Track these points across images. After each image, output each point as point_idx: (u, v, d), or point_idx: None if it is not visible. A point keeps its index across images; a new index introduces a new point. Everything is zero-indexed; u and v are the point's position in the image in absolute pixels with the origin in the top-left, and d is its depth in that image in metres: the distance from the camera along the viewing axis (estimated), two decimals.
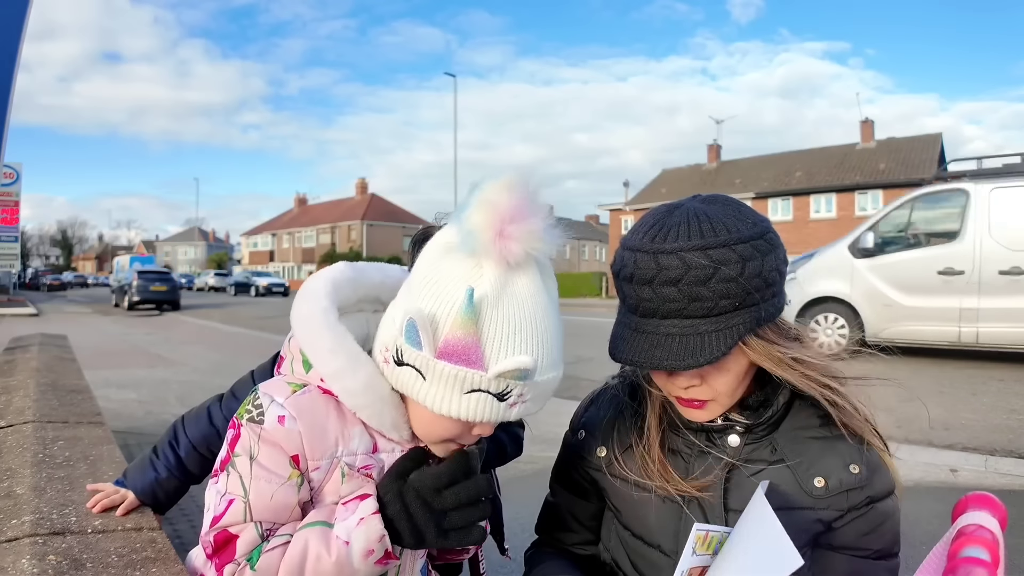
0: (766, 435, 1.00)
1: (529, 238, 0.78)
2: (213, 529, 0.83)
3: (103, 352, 9.37)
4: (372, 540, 0.82)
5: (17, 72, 3.19)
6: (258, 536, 0.83)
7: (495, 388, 0.78)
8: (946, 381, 6.70)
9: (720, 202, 0.94)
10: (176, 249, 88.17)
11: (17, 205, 21.14)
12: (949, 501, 0.97)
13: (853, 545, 0.97)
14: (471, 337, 0.77)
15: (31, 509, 1.36)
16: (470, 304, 0.76)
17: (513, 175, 0.79)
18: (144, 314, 20.35)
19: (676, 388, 0.96)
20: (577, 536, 1.17)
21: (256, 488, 0.83)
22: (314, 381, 0.89)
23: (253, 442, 0.84)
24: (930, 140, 32.02)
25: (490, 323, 0.78)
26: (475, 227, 0.77)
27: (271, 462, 0.84)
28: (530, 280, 0.81)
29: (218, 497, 0.84)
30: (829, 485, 0.96)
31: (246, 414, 0.86)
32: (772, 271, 0.90)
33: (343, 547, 0.81)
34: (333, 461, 0.87)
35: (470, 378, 0.78)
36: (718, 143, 39.26)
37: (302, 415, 0.85)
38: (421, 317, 0.78)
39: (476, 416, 0.80)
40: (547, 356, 0.81)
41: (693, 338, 0.88)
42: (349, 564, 0.82)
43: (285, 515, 0.85)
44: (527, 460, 4.19)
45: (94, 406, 2.56)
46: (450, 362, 0.78)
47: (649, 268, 0.89)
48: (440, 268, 0.82)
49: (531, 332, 0.79)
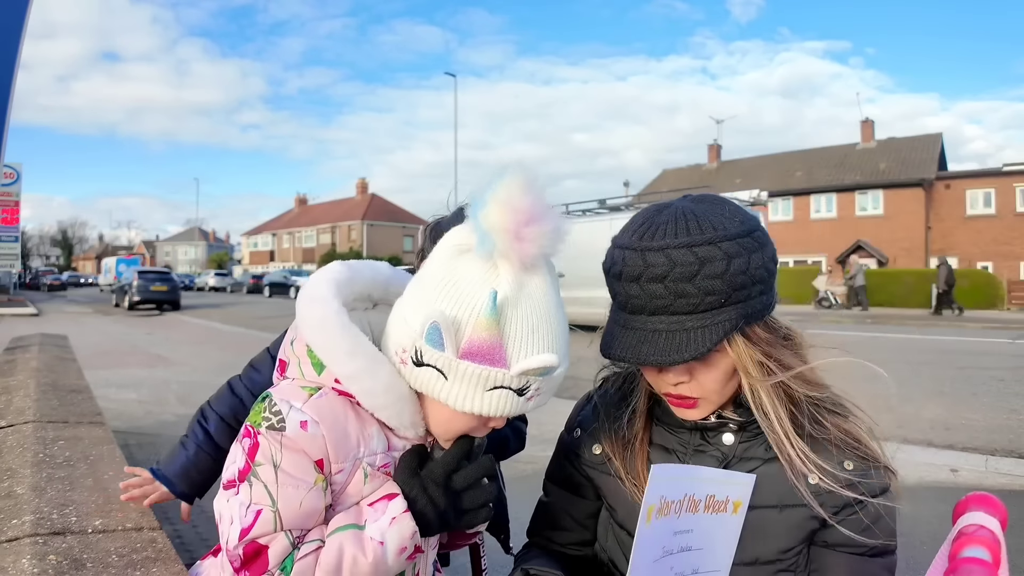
0: (760, 432, 1.00)
1: (544, 240, 0.80)
2: (242, 542, 0.81)
3: (103, 352, 9.37)
4: (406, 538, 0.84)
5: (17, 72, 3.19)
6: (289, 544, 0.82)
7: (516, 384, 0.82)
8: (946, 381, 6.70)
9: (709, 201, 0.95)
10: (176, 249, 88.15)
11: (17, 205, 21.14)
12: (950, 501, 0.97)
13: (849, 542, 0.97)
14: (495, 338, 0.80)
15: (31, 509, 1.36)
16: (494, 307, 0.79)
17: (524, 174, 0.80)
18: (145, 314, 20.36)
19: (665, 384, 0.97)
20: (571, 535, 1.16)
21: (284, 496, 0.82)
22: (327, 383, 0.88)
23: (275, 450, 0.82)
24: (930, 140, 32.02)
25: (511, 323, 0.81)
26: (493, 229, 0.79)
27: (296, 469, 0.83)
28: (543, 279, 0.84)
29: (243, 509, 0.82)
30: (823, 482, 0.96)
31: (264, 422, 0.84)
32: (759, 268, 0.91)
33: (378, 548, 0.83)
34: (355, 462, 0.87)
35: (494, 376, 0.80)
36: (718, 143, 39.30)
37: (324, 419, 0.84)
38: (444, 320, 0.80)
39: (498, 411, 0.83)
40: (562, 352, 0.85)
41: (679, 334, 0.89)
42: (384, 563, 0.84)
43: (313, 520, 0.85)
44: (527, 460, 4.19)
45: (94, 406, 2.56)
46: (474, 362, 0.80)
47: (636, 265, 0.90)
48: (456, 270, 0.83)
49: (548, 330, 0.83)
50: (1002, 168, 28.57)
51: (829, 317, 17.63)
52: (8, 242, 21.04)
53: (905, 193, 29.07)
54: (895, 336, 11.60)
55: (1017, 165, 28.06)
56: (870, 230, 29.78)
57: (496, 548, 1.60)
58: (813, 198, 31.63)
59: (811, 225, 31.38)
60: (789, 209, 32.06)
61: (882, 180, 29.84)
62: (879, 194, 29.80)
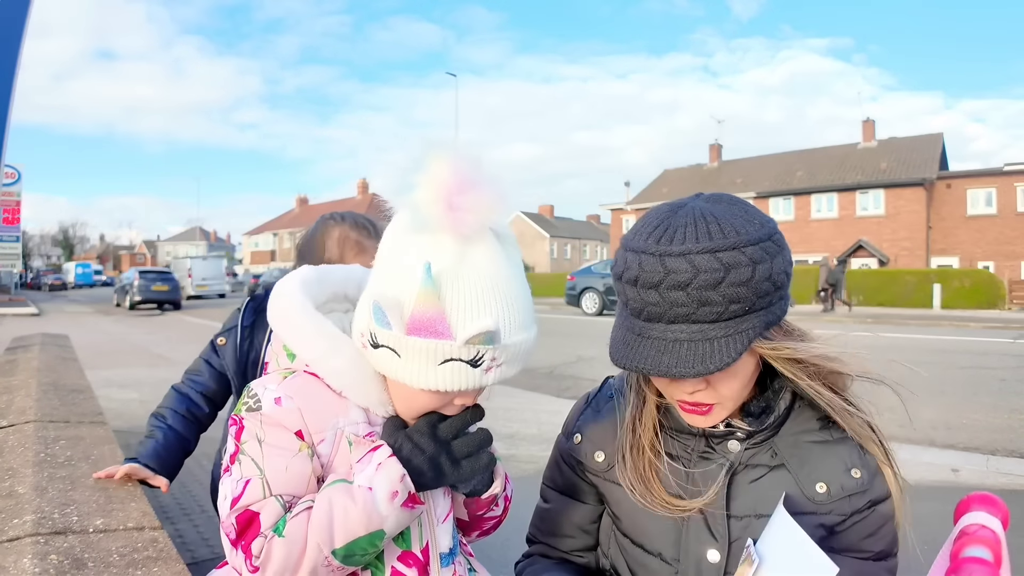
0: (766, 439, 0.99)
1: (481, 208, 0.80)
2: (234, 511, 0.83)
3: (104, 352, 9.37)
4: (395, 480, 0.83)
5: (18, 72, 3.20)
6: (281, 508, 0.83)
7: (467, 355, 0.81)
8: (948, 381, 6.70)
9: (726, 201, 0.91)
10: (178, 249, 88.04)
11: (18, 205, 21.16)
12: (951, 501, 0.97)
13: (855, 547, 0.97)
14: (435, 309, 0.80)
15: (33, 509, 1.36)
16: (428, 278, 0.79)
17: (450, 146, 0.81)
18: (145, 314, 20.36)
19: (680, 393, 0.94)
20: (574, 542, 1.14)
21: (270, 464, 0.84)
22: (300, 367, 0.92)
23: (257, 427, 0.86)
24: (931, 140, 31.99)
25: (452, 294, 0.80)
26: (421, 203, 0.79)
27: (279, 439, 0.86)
28: (488, 249, 0.83)
29: (234, 483, 0.85)
30: (831, 490, 0.95)
31: (243, 407, 0.88)
32: (780, 273, 0.87)
33: (367, 494, 0.82)
34: (337, 433, 0.89)
35: (441, 349, 0.80)
36: (719, 143, 39.27)
37: (297, 394, 0.88)
38: (385, 299, 0.82)
39: (453, 385, 0.83)
40: (512, 318, 0.84)
41: (702, 344, 0.85)
42: (376, 510, 0.82)
43: (303, 486, 0.86)
44: (527, 459, 4.19)
45: (95, 406, 2.56)
46: (420, 336, 0.80)
47: (656, 271, 0.85)
48: (395, 250, 0.85)
49: (493, 297, 0.82)
50: (1003, 168, 28.53)
51: (828, 317, 17.61)
52: (9, 242, 21.07)
53: (906, 193, 29.04)
54: (896, 336, 11.59)
55: (1018, 164, 28.02)
56: (871, 230, 29.75)
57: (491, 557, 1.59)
58: (814, 198, 31.60)
59: (812, 225, 31.35)
60: (790, 209, 32.03)
61: (883, 180, 29.80)
62: (880, 194, 29.76)
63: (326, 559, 0.81)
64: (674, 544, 1.00)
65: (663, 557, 1.01)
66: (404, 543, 0.92)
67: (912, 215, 28.98)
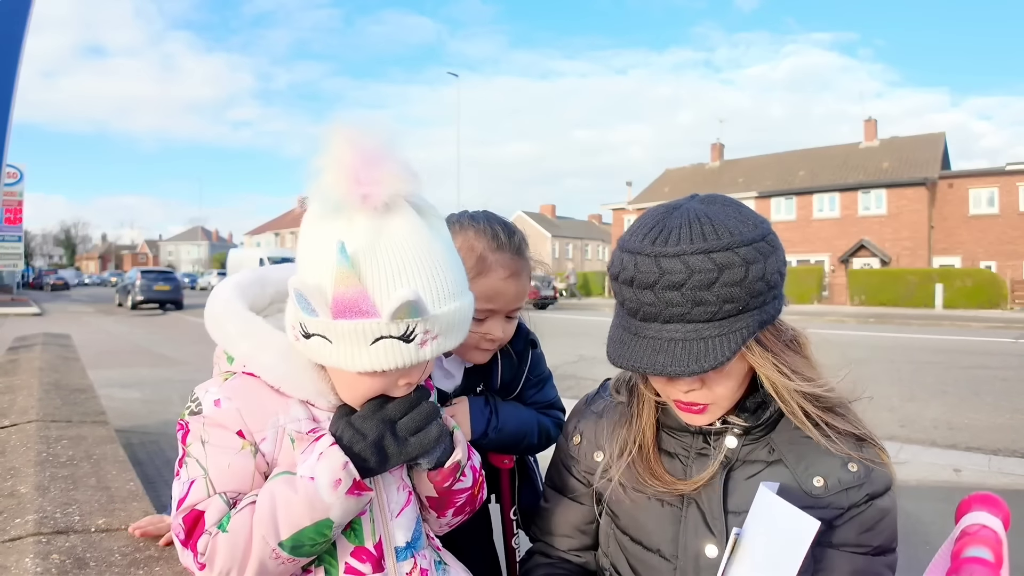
0: (763, 435, 1.00)
1: (388, 180, 0.79)
2: (180, 511, 0.84)
3: (106, 351, 9.39)
4: (336, 469, 0.82)
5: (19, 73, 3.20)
6: (225, 505, 0.84)
7: (396, 331, 0.79)
8: (949, 381, 6.69)
9: (720, 202, 0.93)
10: (179, 248, 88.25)
11: (20, 205, 21.18)
12: (952, 500, 0.97)
13: (853, 542, 0.97)
14: (355, 288, 0.78)
15: (35, 508, 1.36)
16: (343, 257, 0.77)
17: (353, 124, 0.81)
18: (148, 313, 20.38)
19: (676, 392, 0.96)
20: (572, 542, 1.16)
21: (213, 462, 0.85)
22: (238, 369, 0.92)
23: (200, 429, 0.87)
24: (933, 139, 31.94)
25: (371, 270, 0.79)
26: (328, 185, 0.79)
27: (221, 439, 0.86)
28: (405, 220, 0.82)
29: (181, 486, 0.86)
30: (828, 484, 0.96)
31: (186, 411, 0.89)
32: (774, 273, 0.89)
33: (309, 483, 0.82)
34: (278, 431, 0.88)
35: (369, 327, 0.79)
36: (721, 142, 39.25)
37: (235, 394, 0.88)
38: (306, 286, 0.80)
39: (388, 363, 0.81)
40: (438, 288, 0.82)
41: (697, 343, 0.87)
42: (320, 499, 0.82)
43: (247, 482, 0.86)
44: None
45: (97, 405, 2.57)
46: (347, 318, 0.79)
47: (651, 272, 0.87)
48: (310, 236, 0.84)
49: (415, 269, 0.80)
50: (1005, 167, 28.49)
51: (830, 317, 17.58)
52: (12, 241, 21.10)
53: (908, 192, 28.99)
54: (898, 336, 11.57)
55: (1020, 164, 27.97)
56: (873, 229, 29.70)
57: None
58: (816, 197, 31.55)
59: (814, 224, 31.30)
60: (792, 208, 31.99)
61: (885, 179, 29.76)
62: (882, 193, 29.72)
63: (273, 551, 0.81)
64: (672, 540, 1.01)
65: (662, 553, 1.02)
66: (356, 539, 0.91)
67: (914, 215, 28.93)
